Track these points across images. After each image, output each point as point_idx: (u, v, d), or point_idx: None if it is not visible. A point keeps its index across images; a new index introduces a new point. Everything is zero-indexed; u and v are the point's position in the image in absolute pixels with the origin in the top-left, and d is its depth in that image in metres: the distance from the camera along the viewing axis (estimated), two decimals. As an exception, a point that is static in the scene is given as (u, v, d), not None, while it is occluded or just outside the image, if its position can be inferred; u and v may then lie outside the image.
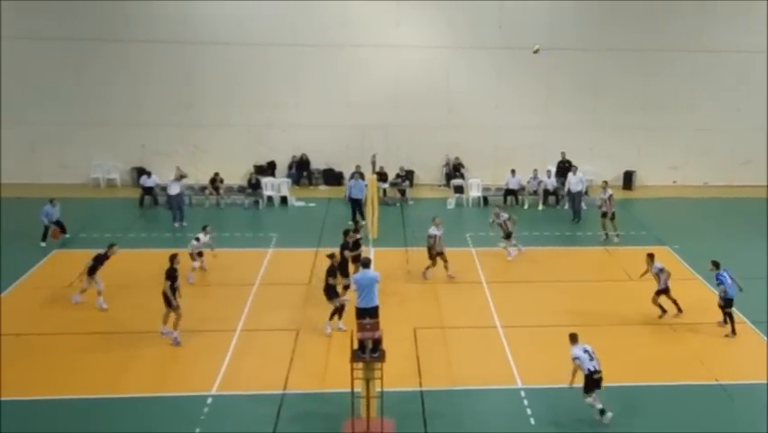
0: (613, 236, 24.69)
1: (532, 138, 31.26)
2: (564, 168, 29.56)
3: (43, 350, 16.77)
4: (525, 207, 29.37)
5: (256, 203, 29.02)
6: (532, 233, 25.65)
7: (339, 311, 17.67)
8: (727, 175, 32.31)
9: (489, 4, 30.31)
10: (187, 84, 30.39)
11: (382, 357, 13.36)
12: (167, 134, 30.80)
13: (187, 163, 29.80)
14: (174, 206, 25.99)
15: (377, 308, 15.06)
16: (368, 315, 14.74)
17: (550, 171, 29.77)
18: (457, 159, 31.63)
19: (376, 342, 13.36)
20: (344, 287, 18.33)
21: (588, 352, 13.94)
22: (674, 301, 18.66)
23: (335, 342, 17.11)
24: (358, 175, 27.15)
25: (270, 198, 29.33)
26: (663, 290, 18.54)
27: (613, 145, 31.82)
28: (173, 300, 16.92)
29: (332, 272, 17.54)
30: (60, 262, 21.98)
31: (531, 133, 31.32)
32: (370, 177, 25.51)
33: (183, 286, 17.72)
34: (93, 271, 18.92)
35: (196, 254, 21.05)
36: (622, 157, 32.04)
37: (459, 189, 29.95)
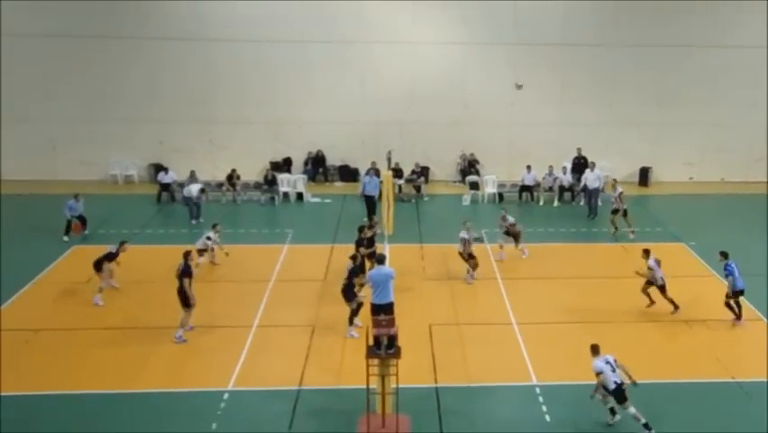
0: (628, 232, 24.61)
1: (547, 134, 31.14)
2: (580, 164, 29.52)
3: (60, 345, 16.92)
4: (541, 203, 29.27)
5: (272, 199, 29.14)
6: (547, 229, 25.65)
7: (356, 311, 17.51)
8: (744, 171, 32.02)
9: (504, 3, 30.19)
10: (202, 81, 30.48)
11: (397, 354, 13.30)
12: (183, 131, 30.97)
13: (204, 160, 30.11)
14: (191, 203, 26.13)
15: (392, 304, 15.12)
16: (383, 311, 14.82)
17: (565, 168, 29.66)
18: (472, 155, 31.59)
19: (391, 338, 13.28)
20: (360, 285, 18.26)
21: (610, 363, 13.60)
22: (671, 301, 18.50)
23: (350, 338, 17.18)
24: (373, 171, 27.20)
25: (286, 195, 29.42)
26: (661, 288, 18.41)
27: (628, 141, 31.63)
28: (192, 298, 16.88)
29: (355, 273, 17.40)
30: (79, 257, 22.11)
31: (546, 130, 31.20)
32: (385, 173, 25.48)
33: (196, 282, 17.69)
34: (99, 267, 19.09)
35: (203, 250, 21.25)
36: (638, 153, 31.84)
37: (474, 186, 29.90)
